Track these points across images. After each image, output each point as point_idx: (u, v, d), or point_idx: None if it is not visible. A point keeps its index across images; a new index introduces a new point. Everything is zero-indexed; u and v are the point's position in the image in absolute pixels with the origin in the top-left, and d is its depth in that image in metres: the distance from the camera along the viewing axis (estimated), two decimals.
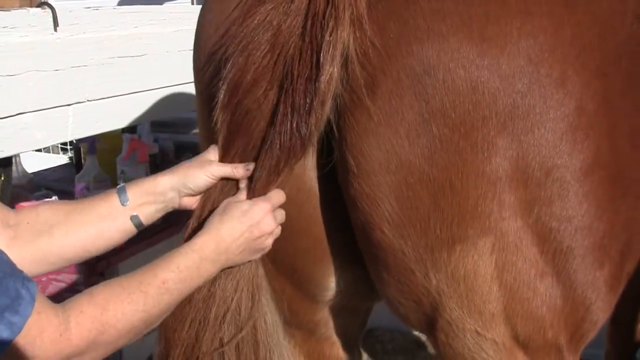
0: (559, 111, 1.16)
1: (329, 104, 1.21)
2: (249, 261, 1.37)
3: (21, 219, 1.32)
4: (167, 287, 1.23)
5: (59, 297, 2.57)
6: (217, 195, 1.37)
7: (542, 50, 1.15)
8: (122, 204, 1.35)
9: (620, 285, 1.35)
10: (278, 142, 1.24)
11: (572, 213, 1.19)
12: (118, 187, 1.38)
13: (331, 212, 1.40)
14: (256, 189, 1.32)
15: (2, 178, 2.50)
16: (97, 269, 2.59)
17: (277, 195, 1.35)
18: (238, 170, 1.34)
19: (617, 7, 1.27)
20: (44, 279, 2.54)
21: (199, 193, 1.38)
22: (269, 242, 1.36)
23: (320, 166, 1.35)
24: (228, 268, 1.35)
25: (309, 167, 1.35)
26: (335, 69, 1.17)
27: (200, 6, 3.07)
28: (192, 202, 1.39)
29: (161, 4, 3.55)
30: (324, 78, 1.17)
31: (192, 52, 2.80)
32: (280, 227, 1.37)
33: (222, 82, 1.27)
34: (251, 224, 1.31)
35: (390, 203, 1.21)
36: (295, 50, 1.21)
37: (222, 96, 1.28)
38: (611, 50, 1.23)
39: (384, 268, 1.32)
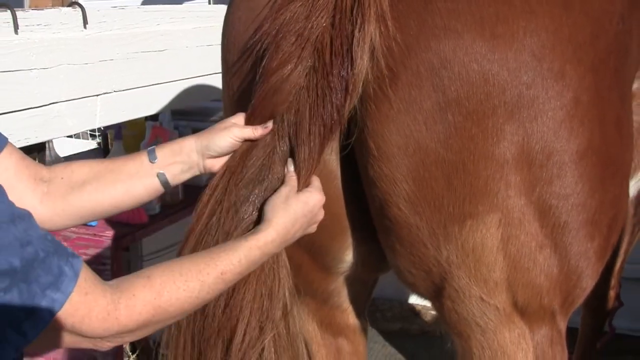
0: (559, 101, 1.18)
1: (358, 90, 1.22)
2: None
3: (56, 175, 1.29)
4: (224, 278, 1.19)
5: None
6: (236, 164, 1.34)
7: (544, 46, 1.17)
8: (151, 162, 1.32)
9: (606, 255, 1.37)
10: (320, 119, 1.24)
11: (569, 192, 1.22)
12: (148, 148, 1.36)
13: (349, 191, 1.41)
14: (301, 169, 1.30)
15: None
16: (122, 244, 2.59)
17: (320, 183, 1.34)
18: (257, 130, 1.30)
19: (606, 7, 1.29)
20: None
21: (222, 155, 1.35)
22: (315, 227, 1.35)
23: (340, 150, 1.36)
24: None
25: (331, 151, 1.36)
26: (365, 60, 1.18)
27: (217, 6, 3.08)
28: (214, 165, 1.36)
29: (181, 4, 3.54)
30: (357, 68, 1.18)
31: (209, 47, 2.81)
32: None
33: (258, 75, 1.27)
34: (311, 216, 1.31)
35: (408, 183, 1.23)
36: (324, 38, 1.21)
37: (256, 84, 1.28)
38: (602, 47, 1.26)
39: (398, 241, 1.33)
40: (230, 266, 1.19)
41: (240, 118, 1.35)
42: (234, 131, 1.32)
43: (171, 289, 1.12)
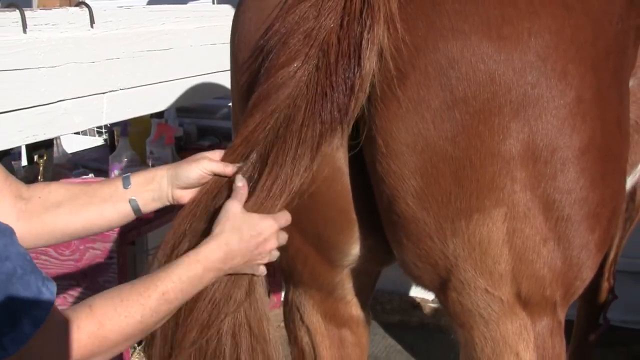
0: (562, 100, 1.20)
1: (366, 91, 1.23)
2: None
3: (33, 193, 1.30)
4: (167, 298, 1.16)
5: (94, 265, 2.59)
6: (207, 198, 1.34)
7: (547, 47, 1.19)
8: (124, 188, 1.34)
9: (606, 247, 1.39)
10: (318, 115, 1.24)
11: (572, 186, 1.23)
12: (124, 175, 1.39)
13: (356, 187, 1.42)
14: (288, 163, 1.28)
15: (45, 158, 2.52)
16: (128, 239, 2.61)
17: (284, 217, 1.32)
18: (228, 168, 1.31)
19: (606, 8, 1.31)
20: (81, 247, 2.55)
21: (191, 186, 1.36)
22: (265, 260, 1.32)
23: (348, 147, 1.37)
24: None
25: (339, 148, 1.37)
26: (373, 62, 1.19)
27: (220, 6, 3.09)
28: (183, 197, 1.37)
29: (185, 4, 3.56)
30: (365, 70, 1.19)
31: (213, 46, 2.82)
32: (277, 252, 1.33)
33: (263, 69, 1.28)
34: (258, 240, 1.27)
35: (416, 179, 1.24)
36: (331, 38, 1.22)
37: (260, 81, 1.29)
38: (602, 47, 1.27)
39: (405, 235, 1.34)
40: (170, 284, 1.17)
41: (216, 154, 1.35)
42: (203, 164, 1.33)
43: (112, 316, 1.09)
